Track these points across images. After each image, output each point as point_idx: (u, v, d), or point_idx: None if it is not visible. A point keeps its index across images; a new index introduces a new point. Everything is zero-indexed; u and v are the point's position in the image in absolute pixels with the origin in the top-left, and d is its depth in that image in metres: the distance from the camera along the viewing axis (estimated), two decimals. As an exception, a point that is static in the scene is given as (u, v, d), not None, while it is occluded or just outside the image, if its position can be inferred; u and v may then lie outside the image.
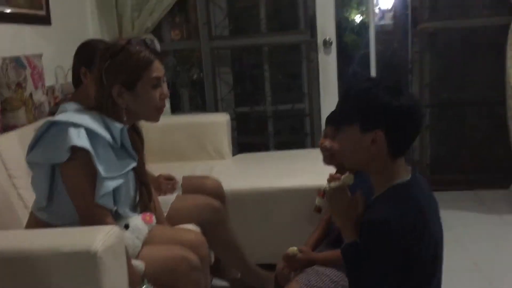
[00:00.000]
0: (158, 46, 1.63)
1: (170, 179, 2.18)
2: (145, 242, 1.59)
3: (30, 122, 2.20)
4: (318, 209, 1.60)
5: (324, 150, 1.78)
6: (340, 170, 1.57)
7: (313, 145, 3.48)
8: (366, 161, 1.30)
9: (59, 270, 1.24)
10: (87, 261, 1.20)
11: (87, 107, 1.58)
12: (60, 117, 1.49)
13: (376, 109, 1.25)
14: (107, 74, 1.53)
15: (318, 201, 1.55)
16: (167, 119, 2.80)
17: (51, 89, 2.53)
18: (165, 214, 1.94)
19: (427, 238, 1.27)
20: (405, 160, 1.34)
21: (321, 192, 1.47)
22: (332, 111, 1.75)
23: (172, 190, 2.14)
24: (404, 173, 1.31)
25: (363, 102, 1.27)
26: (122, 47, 1.53)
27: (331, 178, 1.40)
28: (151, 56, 1.55)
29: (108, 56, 1.53)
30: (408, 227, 1.22)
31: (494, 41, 3.39)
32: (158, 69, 1.57)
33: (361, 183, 1.38)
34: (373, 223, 1.25)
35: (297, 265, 1.68)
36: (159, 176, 2.19)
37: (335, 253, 1.59)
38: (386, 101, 1.24)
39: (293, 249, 1.71)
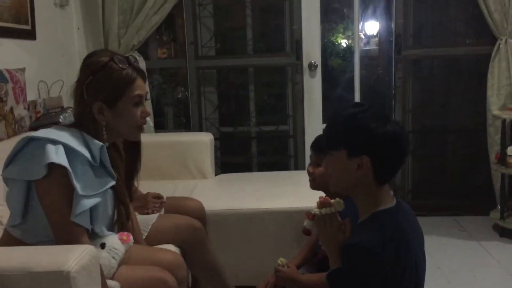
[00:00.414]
0: (142, 64, 1.62)
1: (158, 197, 2.17)
2: (122, 262, 1.55)
3: (9, 136, 2.17)
4: (307, 232, 1.59)
5: (309, 175, 1.79)
6: (328, 194, 1.58)
7: (296, 167, 3.48)
8: (351, 186, 1.31)
9: (31, 290, 1.20)
10: (59, 281, 1.17)
11: (67, 124, 1.56)
12: (38, 133, 1.46)
13: (363, 135, 1.26)
14: (88, 90, 1.51)
15: (306, 223, 1.53)
16: (150, 137, 2.78)
17: (33, 104, 2.50)
18: (147, 234, 1.92)
19: (409, 266, 1.26)
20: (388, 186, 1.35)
21: (310, 215, 1.46)
22: (316, 137, 1.77)
23: (159, 209, 2.12)
24: (388, 200, 1.32)
25: (349, 127, 1.28)
26: (105, 63, 1.52)
27: (321, 203, 1.40)
28: (133, 74, 1.54)
29: (90, 72, 1.52)
30: (391, 254, 1.22)
31: (476, 70, 3.47)
32: (140, 87, 1.56)
33: (350, 209, 1.38)
34: (354, 247, 1.26)
35: (281, 279, 1.68)
36: (147, 194, 2.17)
37: (319, 276, 1.58)
38: (372, 128, 1.26)
39: (283, 260, 1.71)
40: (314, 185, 1.78)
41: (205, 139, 2.92)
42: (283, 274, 1.66)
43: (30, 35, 2.64)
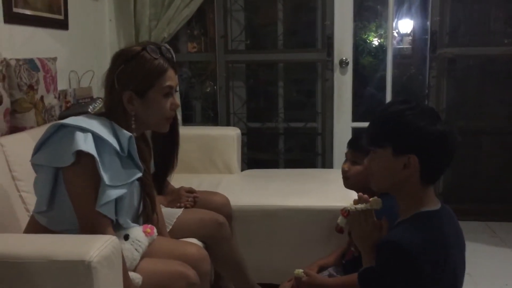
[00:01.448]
0: (173, 55, 1.60)
1: (191, 192, 2.16)
2: (145, 255, 1.54)
3: (39, 125, 2.18)
4: (340, 229, 1.53)
5: (343, 173, 1.74)
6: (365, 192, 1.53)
7: (323, 165, 3.42)
8: (395, 185, 1.27)
9: (52, 279, 1.20)
10: (80, 271, 1.16)
11: (97, 113, 1.55)
12: (68, 120, 1.46)
13: (411, 133, 1.22)
14: (119, 79, 1.50)
15: (340, 220, 1.48)
16: (178, 129, 2.76)
17: (63, 93, 2.52)
18: (171, 227, 1.91)
19: (448, 273, 1.21)
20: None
21: (345, 212, 1.41)
22: (354, 134, 1.72)
23: (192, 203, 2.11)
24: (433, 202, 1.28)
25: (398, 124, 1.24)
26: (137, 52, 1.51)
27: (359, 199, 1.36)
28: (165, 65, 1.53)
29: (122, 61, 1.51)
30: (430, 257, 1.17)
31: (513, 71, 3.34)
32: (171, 78, 1.54)
33: (387, 208, 1.34)
34: (392, 245, 1.21)
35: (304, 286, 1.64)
36: (181, 188, 2.17)
37: (347, 279, 1.54)
38: (421, 126, 1.21)
39: (299, 271, 1.67)
40: (348, 184, 1.73)
41: (232, 133, 2.90)
42: (305, 285, 1.63)
43: (62, 25, 2.66)
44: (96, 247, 1.20)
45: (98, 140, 1.41)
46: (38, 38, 2.45)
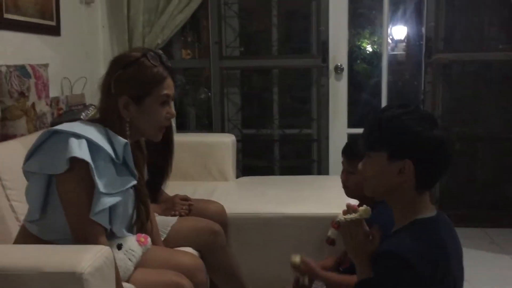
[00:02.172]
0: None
1: (186, 200, 2.13)
2: (138, 265, 1.51)
3: (30, 132, 2.15)
4: (331, 241, 1.51)
5: (342, 182, 1.71)
6: (364, 202, 1.51)
7: (319, 172, 3.40)
8: (389, 191, 1.24)
9: (43, 291, 1.16)
10: (72, 283, 1.12)
11: (91, 120, 1.52)
12: (62, 126, 1.42)
13: (407, 138, 1.19)
14: (116, 84, 1.47)
15: (331, 232, 1.45)
16: (173, 138, 2.73)
17: (55, 100, 2.48)
18: (165, 236, 1.87)
19: (447, 282, 1.18)
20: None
21: (336, 224, 1.39)
22: (347, 142, 1.70)
23: (187, 211, 2.08)
24: (429, 208, 1.25)
25: (393, 129, 1.21)
26: (137, 58, 1.49)
27: (348, 209, 1.33)
28: (164, 73, 1.51)
29: (121, 66, 1.49)
30: (429, 265, 1.14)
31: (508, 76, 3.34)
32: (169, 87, 1.52)
33: (379, 217, 1.31)
34: (390, 255, 1.17)
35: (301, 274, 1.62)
36: (175, 196, 2.14)
37: (345, 278, 1.51)
38: (418, 131, 1.18)
39: (295, 258, 1.63)
40: (348, 193, 1.69)
41: (227, 140, 2.87)
42: (303, 272, 1.61)
43: (54, 31, 2.62)
44: (87, 258, 1.16)
45: (92, 146, 1.38)
46: (29, 44, 2.42)
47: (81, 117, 2.37)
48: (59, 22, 2.64)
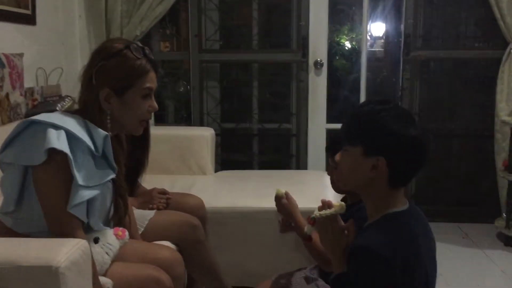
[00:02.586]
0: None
1: (164, 193, 2.11)
2: (116, 259, 1.48)
3: (4, 123, 2.10)
4: (309, 238, 1.53)
5: (330, 178, 1.72)
6: (354, 197, 1.53)
7: (298, 167, 3.40)
8: (363, 185, 1.25)
9: (18, 285, 1.13)
10: (48, 277, 1.09)
11: (70, 111, 1.48)
12: (40, 116, 1.38)
13: (382, 135, 1.19)
14: (98, 75, 1.44)
15: (307, 228, 1.47)
16: (150, 130, 2.70)
17: (30, 91, 2.43)
18: (143, 229, 1.85)
19: (419, 273, 1.19)
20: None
21: (311, 220, 1.40)
22: (331, 138, 1.70)
23: (165, 204, 2.06)
24: (401, 202, 1.25)
25: (369, 124, 1.21)
26: (119, 50, 1.46)
27: (323, 205, 1.33)
28: (147, 66, 1.49)
29: (103, 57, 1.45)
30: (401, 258, 1.15)
31: (485, 74, 3.40)
32: (152, 80, 1.50)
33: (361, 211, 1.31)
34: (362, 249, 1.18)
35: (282, 209, 1.67)
36: (153, 189, 2.11)
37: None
38: (394, 128, 1.18)
39: (281, 191, 1.66)
40: (336, 188, 1.69)
41: (206, 134, 2.85)
42: (284, 206, 1.64)
43: (30, 20, 2.56)
44: (63, 252, 1.14)
45: (71, 138, 1.35)
46: (3, 33, 2.35)
47: (57, 108, 2.32)
48: (34, 11, 2.58)
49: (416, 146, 1.19)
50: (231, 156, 3.71)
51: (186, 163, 2.79)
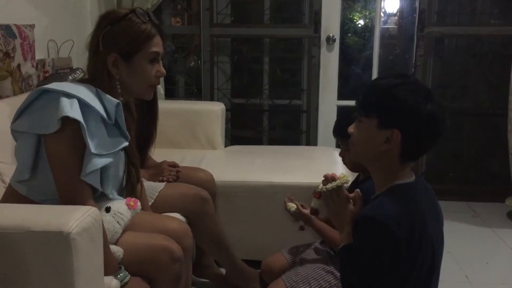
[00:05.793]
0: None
1: (174, 166, 2.12)
2: (127, 229, 1.50)
3: (16, 94, 2.11)
4: (315, 211, 1.54)
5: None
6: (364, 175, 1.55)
7: (308, 143, 3.40)
8: (373, 158, 1.25)
9: (30, 250, 1.15)
10: (59, 242, 1.11)
11: (82, 80, 1.49)
12: (52, 85, 1.38)
13: (399, 107, 1.18)
14: (104, 41, 1.44)
15: (314, 202, 1.49)
16: (160, 104, 2.68)
17: (42, 63, 2.43)
18: (153, 201, 1.86)
19: (426, 247, 1.19)
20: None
21: (317, 194, 1.42)
22: (337, 123, 1.69)
23: (174, 177, 2.07)
24: (407, 175, 1.26)
25: (388, 97, 1.20)
26: (125, 14, 1.46)
27: (326, 179, 1.35)
28: (153, 30, 1.49)
29: (109, 22, 1.45)
30: (406, 230, 1.15)
31: (500, 51, 3.34)
32: (158, 44, 1.50)
33: (369, 183, 1.32)
34: (367, 220, 1.19)
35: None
36: (163, 162, 2.12)
37: (328, 228, 1.58)
38: (411, 103, 1.17)
39: (292, 207, 1.69)
40: (349, 168, 1.70)
41: (216, 108, 2.84)
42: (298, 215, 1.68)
43: (41, -9, 2.54)
44: (75, 218, 1.15)
45: (84, 106, 1.35)
46: (15, 3, 2.34)
47: (68, 80, 2.32)
48: (45, -19, 2.57)
49: (432, 121, 1.18)
50: (241, 132, 3.71)
51: (196, 138, 2.79)
